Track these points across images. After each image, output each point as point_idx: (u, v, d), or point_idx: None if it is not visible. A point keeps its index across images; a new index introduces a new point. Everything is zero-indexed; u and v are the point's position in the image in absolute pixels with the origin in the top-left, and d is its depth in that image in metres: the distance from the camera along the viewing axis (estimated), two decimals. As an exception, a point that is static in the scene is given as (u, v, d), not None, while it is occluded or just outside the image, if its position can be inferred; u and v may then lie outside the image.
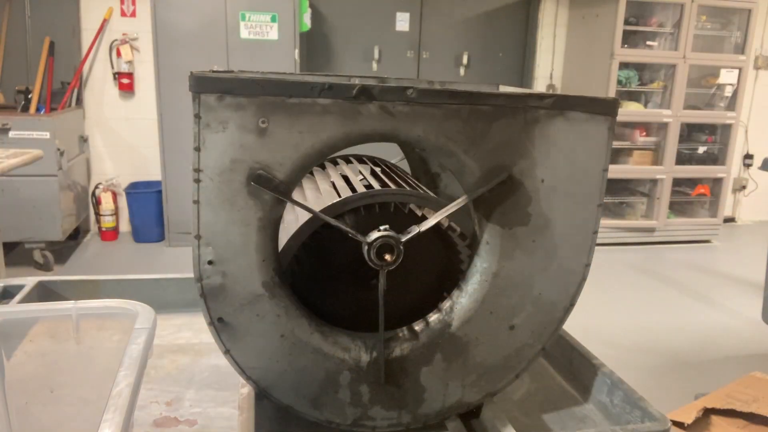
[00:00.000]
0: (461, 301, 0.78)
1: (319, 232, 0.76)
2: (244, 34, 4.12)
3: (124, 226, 4.62)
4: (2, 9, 4.19)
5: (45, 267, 3.88)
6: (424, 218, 0.77)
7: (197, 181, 0.66)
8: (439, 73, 5.07)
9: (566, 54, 5.14)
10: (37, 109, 4.08)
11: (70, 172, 4.05)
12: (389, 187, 0.82)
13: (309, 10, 4.31)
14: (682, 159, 4.87)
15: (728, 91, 4.94)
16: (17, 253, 3.88)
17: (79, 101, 4.43)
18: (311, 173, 0.97)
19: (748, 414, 1.45)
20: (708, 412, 1.50)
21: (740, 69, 4.82)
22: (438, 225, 0.77)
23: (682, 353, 2.97)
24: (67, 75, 4.31)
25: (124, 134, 4.59)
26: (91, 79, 4.49)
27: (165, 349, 1.05)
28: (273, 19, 4.12)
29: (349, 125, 0.67)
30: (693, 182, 5.03)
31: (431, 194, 0.83)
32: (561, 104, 0.72)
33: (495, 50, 5.18)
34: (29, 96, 4.09)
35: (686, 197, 5.04)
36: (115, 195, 4.52)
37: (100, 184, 4.53)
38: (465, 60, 5.07)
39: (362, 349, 0.77)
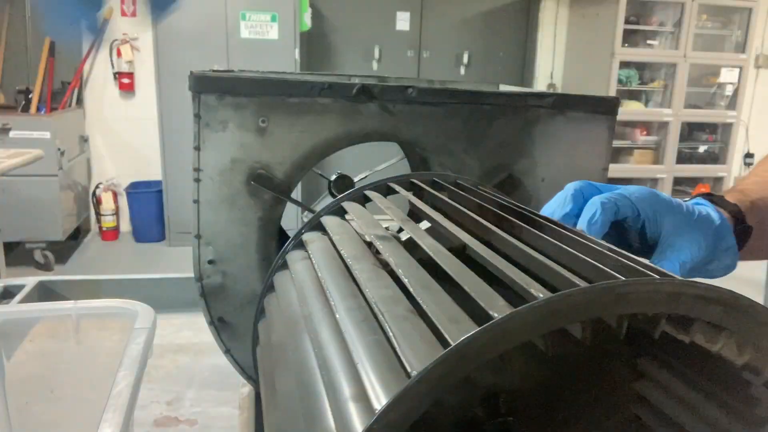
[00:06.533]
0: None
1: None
2: (244, 33, 4.12)
3: (125, 225, 4.62)
4: (2, 9, 4.19)
5: (45, 267, 3.88)
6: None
7: (197, 180, 0.66)
8: (439, 72, 5.06)
9: (567, 53, 5.13)
10: (38, 109, 4.08)
11: (70, 172, 4.05)
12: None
13: (309, 10, 4.31)
14: (682, 158, 4.87)
15: (729, 90, 4.94)
16: (17, 253, 3.88)
17: (80, 101, 4.43)
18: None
19: None
20: None
21: (741, 68, 4.82)
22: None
23: (683, 352, 2.97)
24: (68, 75, 4.31)
25: (124, 134, 4.59)
26: (92, 79, 4.49)
27: (165, 348, 1.05)
28: (273, 19, 4.12)
29: (349, 125, 0.67)
30: (694, 181, 5.03)
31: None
32: (561, 103, 0.72)
33: (495, 49, 5.17)
34: (29, 96, 4.09)
35: (687, 196, 5.04)
36: (115, 195, 4.52)
37: (100, 183, 4.53)
38: (465, 59, 5.07)
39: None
